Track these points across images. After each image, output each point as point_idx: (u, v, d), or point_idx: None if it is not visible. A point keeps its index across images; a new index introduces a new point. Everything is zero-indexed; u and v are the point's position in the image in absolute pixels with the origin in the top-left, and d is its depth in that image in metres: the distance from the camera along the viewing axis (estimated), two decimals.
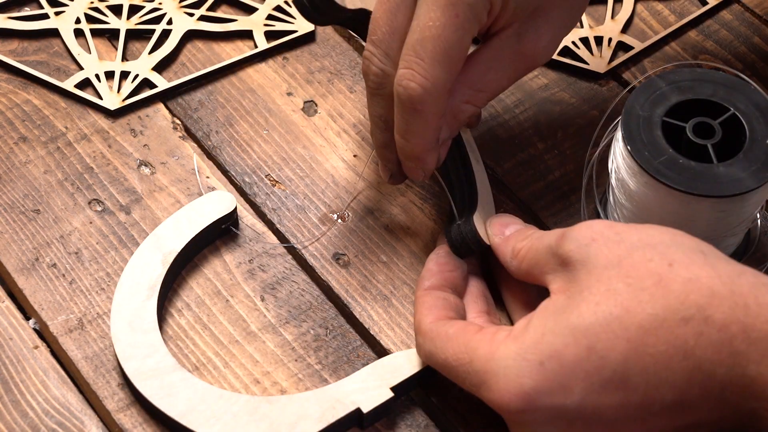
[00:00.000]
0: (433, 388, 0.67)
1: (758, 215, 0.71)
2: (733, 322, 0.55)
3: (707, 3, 0.85)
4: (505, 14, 0.66)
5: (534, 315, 0.59)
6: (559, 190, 0.75)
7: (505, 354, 0.58)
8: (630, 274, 0.57)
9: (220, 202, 0.71)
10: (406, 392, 0.66)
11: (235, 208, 0.71)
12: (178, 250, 0.69)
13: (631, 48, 0.82)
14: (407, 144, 0.66)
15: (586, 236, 0.59)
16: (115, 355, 0.66)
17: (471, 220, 0.67)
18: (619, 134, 0.68)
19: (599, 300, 0.57)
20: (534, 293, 0.66)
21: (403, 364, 0.65)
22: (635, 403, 0.56)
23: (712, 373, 0.55)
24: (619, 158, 0.69)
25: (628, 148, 0.67)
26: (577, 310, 0.57)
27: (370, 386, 0.64)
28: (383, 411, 0.65)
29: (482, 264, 0.69)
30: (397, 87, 0.64)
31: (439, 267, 0.67)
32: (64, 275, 0.70)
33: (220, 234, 0.72)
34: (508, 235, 0.66)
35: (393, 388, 0.65)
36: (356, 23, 0.73)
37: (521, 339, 0.58)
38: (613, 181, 0.70)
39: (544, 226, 0.73)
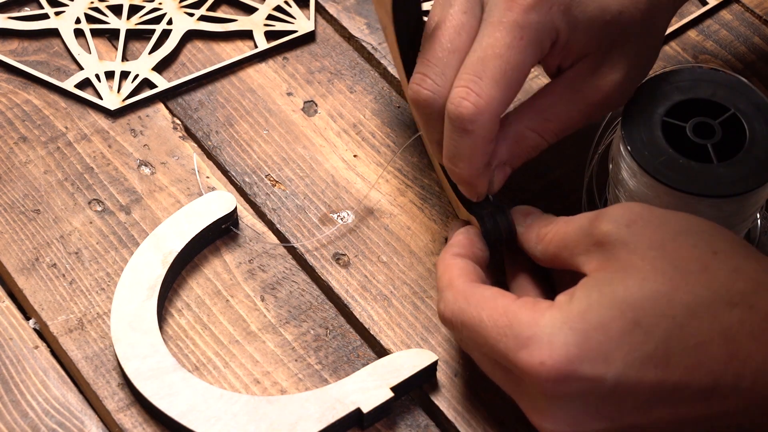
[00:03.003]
0: (433, 388, 0.67)
1: (758, 215, 0.71)
2: None
3: (707, 3, 0.85)
4: (576, 46, 0.65)
5: (576, 289, 0.58)
6: (559, 190, 0.75)
7: (551, 321, 0.57)
8: (675, 257, 0.57)
9: (220, 202, 0.71)
10: (406, 392, 0.66)
11: (235, 208, 0.71)
12: (178, 250, 0.69)
13: None
14: (455, 168, 0.65)
15: (625, 217, 0.59)
16: (115, 355, 0.66)
17: (509, 211, 0.66)
18: (619, 134, 0.68)
19: (646, 276, 0.57)
20: (544, 290, 0.66)
21: (403, 364, 0.65)
22: (671, 385, 0.56)
23: (747, 361, 0.56)
24: (619, 158, 0.69)
25: (628, 148, 0.67)
26: (623, 284, 0.57)
27: (370, 386, 0.65)
28: (383, 411, 0.65)
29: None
30: (449, 105, 0.63)
31: (470, 241, 0.66)
32: (64, 275, 0.70)
33: (220, 234, 0.72)
34: (532, 223, 0.65)
35: (393, 388, 0.65)
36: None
37: (567, 309, 0.57)
38: (613, 181, 0.70)
39: None
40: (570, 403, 0.57)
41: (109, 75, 0.79)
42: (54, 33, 0.82)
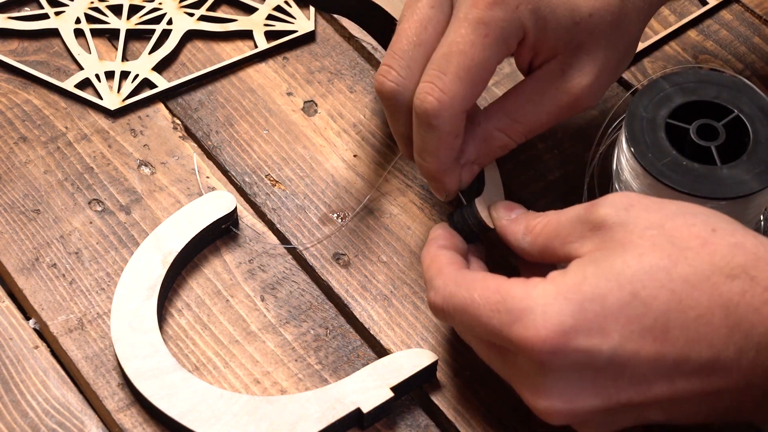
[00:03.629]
0: (433, 388, 0.67)
1: (761, 217, 0.71)
2: None
3: (707, 3, 0.85)
4: (544, 46, 0.65)
5: (570, 265, 0.58)
6: (559, 190, 0.75)
7: (544, 293, 0.57)
8: (674, 235, 0.57)
9: (220, 202, 0.71)
10: (406, 392, 0.66)
11: (235, 208, 0.71)
12: (178, 250, 0.69)
13: None
14: (423, 163, 0.65)
15: (623, 202, 0.59)
16: (115, 355, 0.66)
17: (473, 203, 0.67)
18: (622, 136, 0.68)
19: (644, 251, 0.57)
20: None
21: (403, 364, 0.65)
22: (670, 358, 0.56)
23: (750, 332, 0.55)
24: (622, 160, 0.69)
25: (632, 150, 0.67)
26: (621, 258, 0.57)
27: (370, 386, 0.65)
28: (383, 411, 0.65)
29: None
30: (415, 101, 0.63)
31: (450, 233, 0.66)
32: (64, 275, 0.70)
33: (220, 234, 0.72)
34: (518, 216, 0.65)
35: (393, 388, 0.65)
36: (359, 13, 0.73)
37: (560, 281, 0.57)
38: (616, 182, 0.70)
39: None
40: (565, 377, 0.57)
41: (109, 75, 0.79)
42: (54, 33, 0.82)
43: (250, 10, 0.84)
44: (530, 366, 0.58)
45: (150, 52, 0.81)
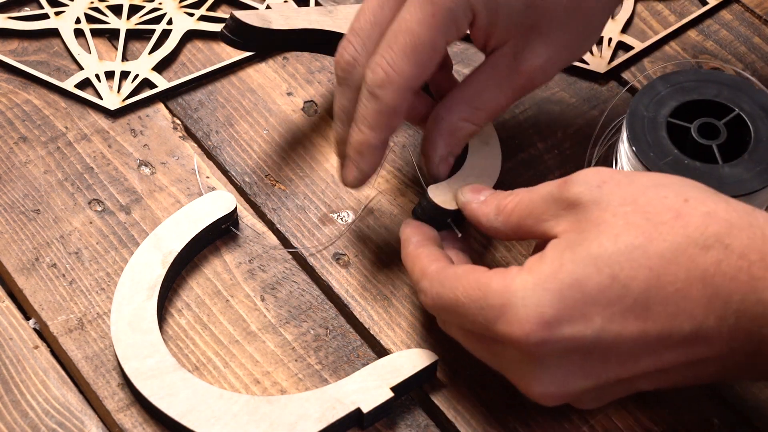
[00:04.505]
0: (433, 388, 0.67)
1: None
2: (752, 251, 0.56)
3: (707, 3, 0.85)
4: (496, 30, 0.66)
5: (547, 250, 0.59)
6: None
7: (523, 285, 0.57)
8: (647, 210, 0.57)
9: (220, 202, 0.71)
10: (406, 392, 0.66)
11: (235, 208, 0.71)
12: (178, 250, 0.69)
13: (631, 48, 0.82)
14: (358, 131, 0.66)
15: (596, 179, 0.59)
16: (115, 355, 0.66)
17: (426, 192, 0.68)
18: (624, 135, 0.68)
19: (619, 231, 0.57)
20: None
21: (403, 364, 0.65)
22: (654, 334, 0.56)
23: (728, 300, 0.56)
24: (624, 159, 0.69)
25: (633, 148, 0.67)
26: (597, 241, 0.57)
27: (370, 386, 0.64)
28: (383, 411, 0.65)
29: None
30: (366, 72, 0.65)
31: (417, 228, 0.67)
32: (64, 275, 0.70)
33: (220, 234, 0.72)
34: (488, 197, 0.65)
35: (393, 388, 0.65)
36: (289, 44, 0.75)
37: (538, 270, 0.58)
38: None
39: None
40: (554, 364, 0.58)
41: (109, 75, 0.79)
42: (54, 33, 0.82)
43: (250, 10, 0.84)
44: (519, 357, 0.58)
45: (150, 52, 0.81)
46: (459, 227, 0.68)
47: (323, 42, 0.76)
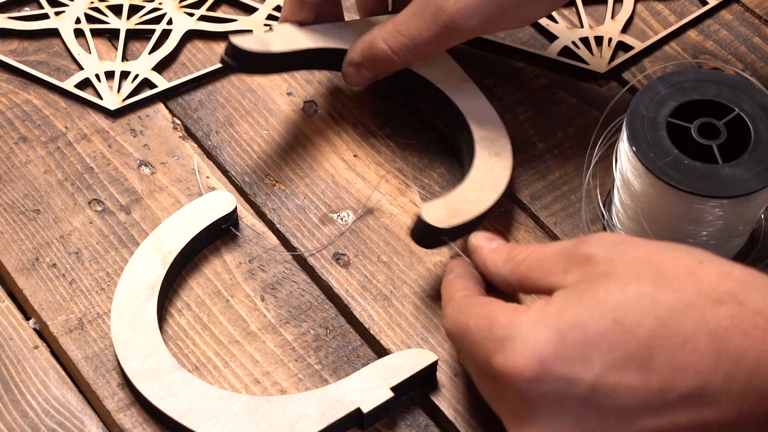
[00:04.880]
0: (433, 388, 0.67)
1: (762, 216, 0.71)
2: (767, 309, 0.54)
3: (707, 3, 0.85)
4: None
5: (554, 295, 0.58)
6: (559, 190, 0.75)
7: (526, 321, 0.56)
8: (660, 266, 0.56)
9: (220, 202, 0.71)
10: (406, 392, 0.66)
11: (235, 208, 0.71)
12: (178, 250, 0.69)
13: (631, 48, 0.82)
14: None
15: (612, 239, 0.58)
16: (115, 355, 0.66)
17: (421, 213, 0.68)
18: (623, 135, 0.68)
19: (628, 281, 0.56)
20: None
21: (403, 364, 0.65)
22: (655, 387, 0.54)
23: (740, 357, 0.53)
24: (623, 159, 0.69)
25: (633, 149, 0.67)
26: (605, 288, 0.56)
27: (370, 386, 0.64)
28: (383, 411, 0.65)
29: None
30: None
31: (461, 263, 0.66)
32: (64, 275, 0.70)
33: (221, 234, 0.72)
34: (500, 245, 0.64)
35: (393, 388, 0.65)
36: (292, 64, 0.75)
37: (543, 310, 0.56)
38: (617, 182, 0.70)
39: (544, 226, 0.73)
40: (546, 408, 0.55)
41: (109, 75, 0.79)
42: (54, 33, 0.82)
43: (250, 10, 0.84)
44: (513, 396, 0.57)
45: (150, 52, 0.81)
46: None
47: (328, 59, 0.76)
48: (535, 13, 0.73)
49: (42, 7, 0.83)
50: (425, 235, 0.68)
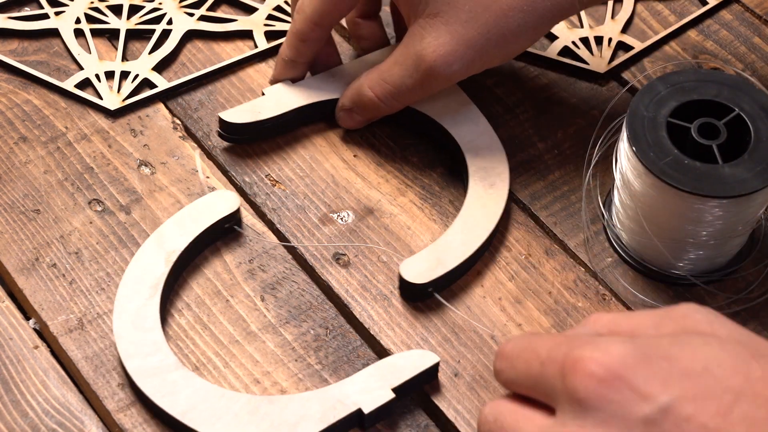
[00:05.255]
0: (433, 388, 0.67)
1: (762, 216, 0.72)
2: None
3: (707, 3, 0.85)
4: (402, 4, 0.73)
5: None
6: (559, 190, 0.75)
7: (612, 340, 0.54)
8: (760, 344, 0.54)
9: (223, 201, 0.71)
10: (407, 393, 0.66)
11: (239, 208, 0.71)
12: (182, 249, 0.69)
13: (631, 48, 0.82)
14: (296, 18, 0.74)
15: (709, 311, 0.56)
16: (116, 354, 0.66)
17: (400, 270, 0.69)
18: (623, 135, 0.68)
19: (728, 342, 0.53)
20: None
21: (405, 365, 0.65)
22: None
23: None
24: (623, 159, 0.69)
25: (633, 149, 0.67)
26: (704, 339, 0.54)
27: (371, 387, 0.64)
28: (384, 412, 0.65)
29: None
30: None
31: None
32: (64, 275, 0.70)
33: (224, 233, 0.72)
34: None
35: (395, 389, 0.65)
36: (288, 123, 0.76)
37: (633, 341, 0.54)
38: (618, 181, 0.70)
39: (544, 226, 0.73)
40: (604, 416, 0.52)
41: (109, 75, 0.79)
42: (54, 33, 0.82)
43: (250, 10, 0.84)
44: (565, 392, 0.53)
45: (150, 52, 0.81)
46: (442, 294, 0.69)
47: (325, 110, 0.77)
48: (516, 49, 0.73)
49: (42, 7, 0.83)
50: (409, 290, 0.69)
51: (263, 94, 0.76)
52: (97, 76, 0.79)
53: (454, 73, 0.71)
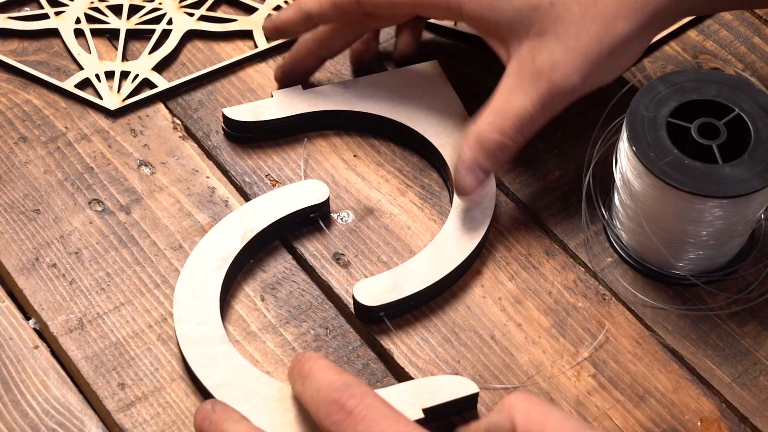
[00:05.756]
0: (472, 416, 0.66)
1: (762, 216, 0.72)
2: None
3: None
4: (501, 30, 0.70)
5: None
6: (559, 190, 0.75)
7: None
8: None
9: (313, 190, 0.72)
10: (439, 418, 0.65)
11: (328, 199, 0.72)
12: (260, 229, 0.70)
13: None
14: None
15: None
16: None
17: (353, 289, 0.69)
18: (624, 135, 0.68)
19: None
20: None
21: (441, 388, 0.64)
22: None
23: None
24: (624, 159, 0.69)
25: (633, 148, 0.67)
26: None
27: (402, 402, 0.63)
28: None
29: None
30: None
31: None
32: (64, 275, 0.70)
33: (307, 222, 0.72)
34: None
35: (426, 410, 0.63)
36: (293, 127, 0.76)
37: None
38: (618, 181, 0.70)
39: (544, 225, 0.73)
40: None
41: (109, 75, 0.79)
42: (54, 33, 0.82)
43: (250, 10, 0.84)
44: None
45: (150, 52, 0.81)
46: (392, 321, 0.69)
47: (328, 120, 0.77)
48: (625, 60, 0.71)
49: (42, 7, 0.83)
50: (360, 311, 0.68)
51: (272, 95, 0.76)
52: (97, 76, 0.79)
53: (575, 87, 0.69)
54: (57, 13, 0.82)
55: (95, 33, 0.82)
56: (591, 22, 0.68)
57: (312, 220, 0.72)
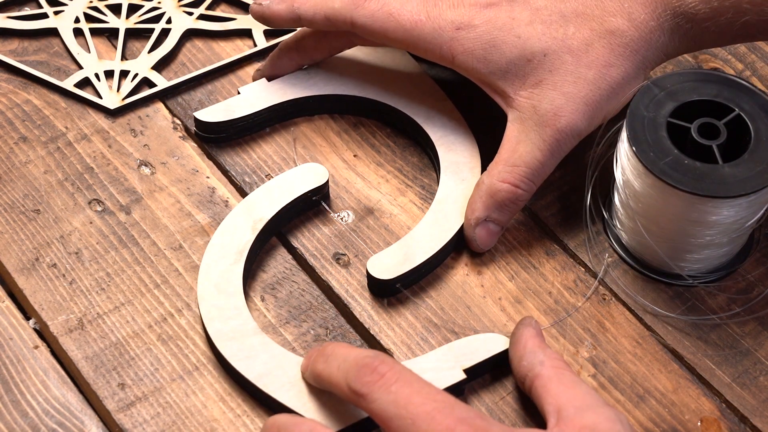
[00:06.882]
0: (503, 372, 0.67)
1: (762, 216, 0.72)
2: None
3: None
4: (497, 80, 0.71)
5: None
6: (559, 190, 0.75)
7: None
8: None
9: (312, 173, 0.72)
10: (478, 375, 0.66)
11: (327, 181, 0.72)
12: (269, 218, 0.70)
13: None
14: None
15: None
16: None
17: (367, 266, 0.70)
18: (624, 135, 0.68)
19: None
20: None
21: (478, 347, 0.66)
22: None
23: None
24: (624, 159, 0.69)
25: (634, 149, 0.67)
26: None
27: (443, 366, 0.65)
28: (454, 392, 0.64)
29: None
30: None
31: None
32: (64, 275, 0.70)
33: (310, 206, 0.73)
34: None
35: (466, 370, 0.65)
36: (266, 120, 0.77)
37: None
38: (618, 182, 0.70)
39: (544, 225, 0.73)
40: None
41: (109, 74, 0.79)
42: (53, 32, 0.82)
43: (248, 8, 0.84)
44: None
45: (149, 51, 0.81)
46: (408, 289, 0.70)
47: (299, 108, 0.77)
48: (624, 98, 0.71)
49: (41, 7, 0.83)
50: (376, 287, 0.69)
51: (239, 93, 0.77)
52: (96, 75, 0.79)
53: (581, 130, 0.70)
54: (56, 13, 0.82)
55: (94, 32, 0.82)
56: (586, 69, 0.69)
57: (315, 203, 0.73)
